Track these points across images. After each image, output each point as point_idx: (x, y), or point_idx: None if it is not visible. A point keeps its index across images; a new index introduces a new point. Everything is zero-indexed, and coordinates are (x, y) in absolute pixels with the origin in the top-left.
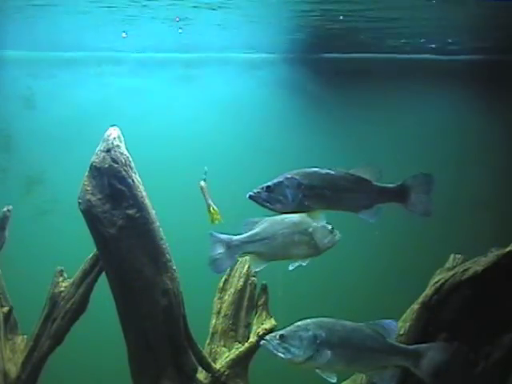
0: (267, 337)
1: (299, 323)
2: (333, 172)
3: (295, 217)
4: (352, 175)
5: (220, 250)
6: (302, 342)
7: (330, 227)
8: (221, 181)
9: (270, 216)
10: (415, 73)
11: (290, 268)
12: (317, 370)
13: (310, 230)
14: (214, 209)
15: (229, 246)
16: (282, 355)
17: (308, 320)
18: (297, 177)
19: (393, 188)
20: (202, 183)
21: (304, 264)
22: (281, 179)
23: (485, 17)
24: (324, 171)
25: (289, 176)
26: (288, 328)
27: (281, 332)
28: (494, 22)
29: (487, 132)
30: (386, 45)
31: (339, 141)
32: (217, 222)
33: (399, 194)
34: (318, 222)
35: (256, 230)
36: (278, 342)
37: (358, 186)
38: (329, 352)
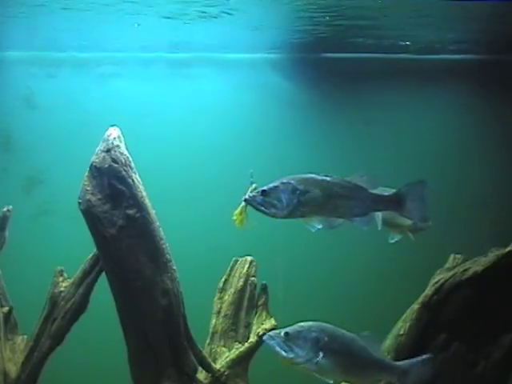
0: (271, 333)
1: (302, 324)
2: (329, 178)
3: None
4: (348, 182)
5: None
6: (305, 343)
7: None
8: (221, 180)
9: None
10: (415, 73)
11: (391, 241)
12: (314, 373)
13: None
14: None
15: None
16: (284, 353)
17: (310, 322)
18: (292, 182)
19: (388, 196)
20: (254, 186)
21: (412, 239)
22: (276, 184)
23: (484, 16)
24: (320, 177)
25: (285, 181)
26: (291, 327)
27: (285, 330)
28: (493, 21)
29: (487, 132)
30: (385, 45)
31: (339, 141)
32: (241, 226)
33: (395, 202)
34: (314, 227)
35: None
36: (282, 339)
37: (353, 194)
38: (329, 356)
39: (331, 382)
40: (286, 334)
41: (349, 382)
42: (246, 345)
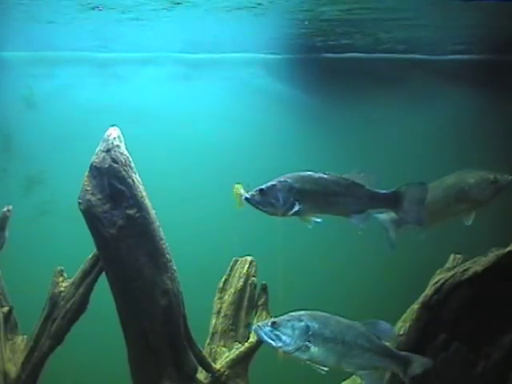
0: (259, 323)
1: (293, 313)
2: (326, 176)
3: (450, 179)
4: (345, 179)
5: (387, 225)
6: (293, 332)
7: (492, 177)
8: (220, 180)
9: None
10: (415, 73)
11: (467, 223)
12: (307, 362)
13: (467, 187)
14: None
15: (392, 220)
16: (273, 342)
17: (302, 311)
18: (289, 180)
19: (385, 194)
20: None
21: (468, 223)
22: (274, 182)
23: (485, 17)
24: (317, 175)
25: (282, 179)
26: (282, 317)
27: (274, 319)
28: (493, 21)
29: (487, 132)
30: (385, 45)
31: (339, 141)
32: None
33: (392, 201)
34: (311, 223)
35: None
36: (269, 328)
37: (350, 191)
38: (320, 345)
39: (326, 369)
40: (274, 323)
41: (347, 369)
42: (246, 345)
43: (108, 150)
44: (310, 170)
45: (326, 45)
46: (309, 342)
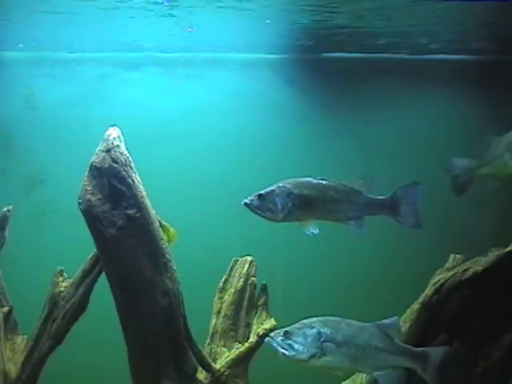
0: (272, 333)
1: (304, 321)
2: (324, 182)
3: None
4: (344, 186)
5: (459, 170)
6: (306, 339)
7: None
8: (220, 181)
9: None
10: (415, 73)
11: None
12: (324, 368)
13: None
14: (169, 227)
15: (468, 168)
16: (286, 352)
17: (313, 318)
18: (288, 186)
19: (383, 200)
20: None
21: None
22: (273, 188)
23: (485, 17)
24: (316, 181)
25: (281, 185)
26: (293, 325)
27: (285, 329)
28: (494, 21)
29: (487, 132)
30: (385, 45)
31: (339, 140)
32: (175, 241)
33: (389, 206)
34: (309, 231)
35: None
36: (282, 338)
37: (348, 197)
38: (333, 350)
39: (340, 374)
40: (286, 332)
41: (363, 372)
42: (246, 345)
43: (108, 150)
44: (309, 176)
45: (326, 45)
46: (322, 348)
